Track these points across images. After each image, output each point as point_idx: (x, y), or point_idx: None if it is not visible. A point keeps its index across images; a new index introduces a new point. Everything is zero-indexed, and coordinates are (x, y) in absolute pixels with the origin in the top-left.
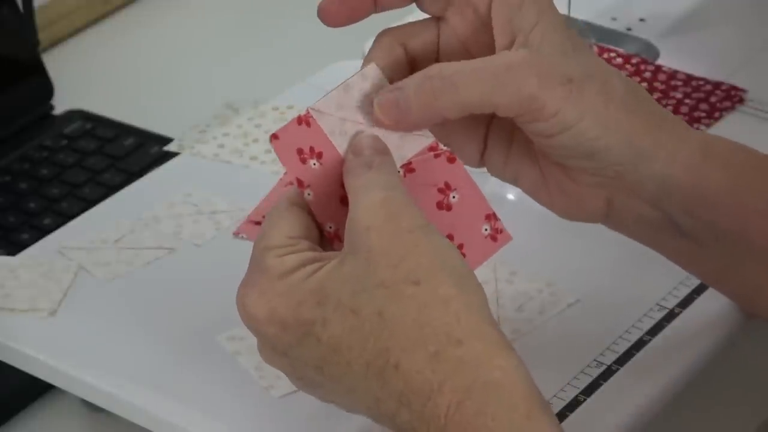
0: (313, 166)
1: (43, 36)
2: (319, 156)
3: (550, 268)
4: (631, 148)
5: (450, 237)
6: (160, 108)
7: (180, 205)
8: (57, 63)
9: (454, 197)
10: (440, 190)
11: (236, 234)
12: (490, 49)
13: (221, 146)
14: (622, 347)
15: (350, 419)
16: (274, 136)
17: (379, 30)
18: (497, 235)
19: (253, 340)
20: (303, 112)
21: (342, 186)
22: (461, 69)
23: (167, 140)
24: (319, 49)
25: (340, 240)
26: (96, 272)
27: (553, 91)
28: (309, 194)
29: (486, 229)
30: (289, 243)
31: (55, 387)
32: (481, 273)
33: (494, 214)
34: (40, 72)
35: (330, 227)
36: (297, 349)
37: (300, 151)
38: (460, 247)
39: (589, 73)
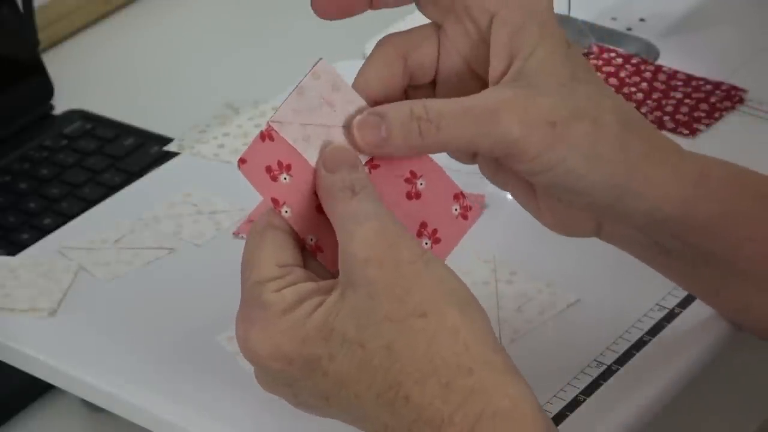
0: (284, 181)
1: (43, 36)
2: (288, 168)
3: (550, 268)
4: (618, 187)
5: (423, 225)
6: (160, 108)
7: (180, 205)
8: (57, 63)
9: (421, 184)
10: (407, 180)
11: (236, 234)
12: (488, 66)
13: (221, 146)
14: (622, 347)
15: None
16: (242, 161)
17: (379, 30)
18: (467, 213)
19: None
20: (264, 128)
21: (317, 195)
22: (446, 111)
23: (167, 140)
24: (319, 49)
25: (322, 250)
26: (96, 272)
27: (535, 135)
28: (287, 211)
29: (456, 209)
30: (281, 274)
31: (55, 387)
32: (481, 273)
33: (462, 193)
34: (40, 72)
35: (311, 239)
36: (302, 382)
37: (269, 169)
38: (434, 232)
39: (579, 111)
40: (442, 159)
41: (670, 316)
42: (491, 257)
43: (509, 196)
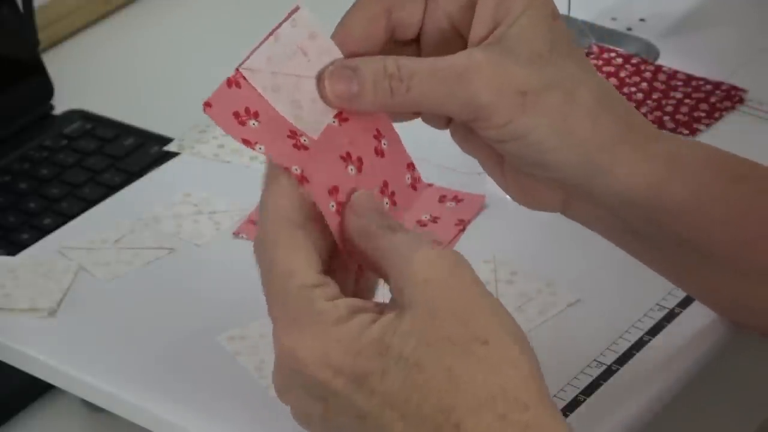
0: (253, 126)
1: (43, 36)
2: (256, 115)
3: (550, 268)
4: (588, 164)
5: (385, 184)
6: (160, 108)
7: (180, 205)
8: (57, 63)
9: (384, 144)
10: (375, 136)
11: (236, 234)
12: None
13: (221, 146)
14: (622, 347)
15: None
16: (207, 104)
17: None
18: (416, 184)
19: (254, 341)
20: (232, 74)
21: (290, 136)
22: (418, 71)
23: (167, 140)
24: None
25: (308, 181)
26: (96, 272)
27: (504, 102)
28: (261, 148)
29: (408, 178)
30: (324, 281)
31: (55, 387)
32: (481, 273)
33: (413, 164)
34: (40, 72)
35: (296, 169)
36: (342, 397)
37: (236, 115)
38: (393, 194)
39: (553, 83)
40: (442, 159)
41: (670, 316)
42: (491, 257)
43: (509, 196)
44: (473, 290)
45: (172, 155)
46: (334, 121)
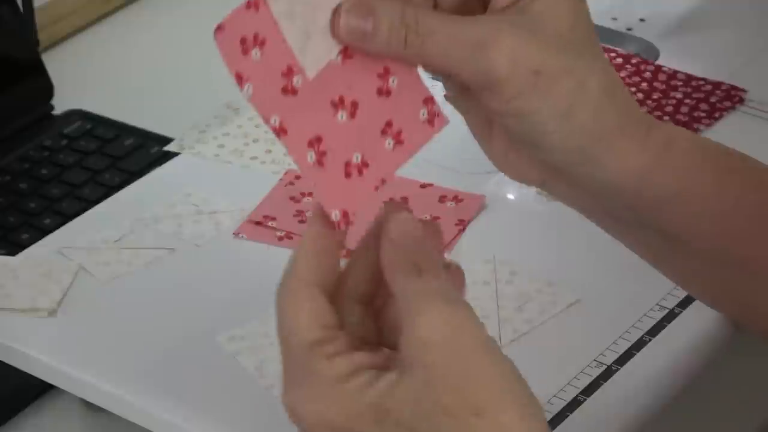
0: (254, 57)
1: (43, 36)
2: (262, 44)
3: (550, 268)
4: (582, 152)
5: (389, 124)
6: (160, 108)
7: (180, 205)
8: (57, 63)
9: (393, 82)
10: (380, 76)
11: (236, 234)
12: None
13: (221, 146)
14: (622, 347)
15: None
16: (220, 29)
17: None
18: (434, 119)
19: (254, 341)
20: None
21: (284, 75)
22: (438, 31)
23: (167, 140)
24: None
25: (286, 132)
26: (96, 272)
27: (517, 79)
28: (248, 89)
29: (423, 114)
30: (327, 337)
31: (55, 387)
32: (481, 273)
33: (432, 98)
34: (40, 72)
35: (274, 120)
36: None
37: (243, 41)
38: (399, 133)
39: (568, 68)
40: (442, 159)
41: (670, 316)
42: (491, 257)
43: (510, 196)
44: (477, 355)
45: (172, 155)
46: (338, 57)
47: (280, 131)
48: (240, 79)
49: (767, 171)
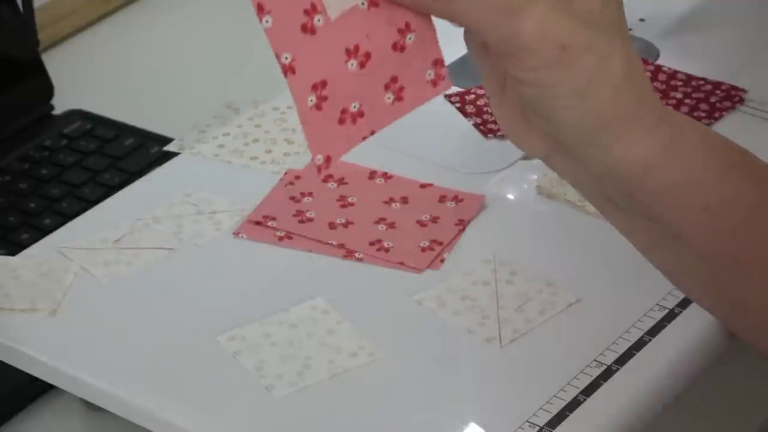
0: None
1: (43, 36)
2: None
3: (550, 268)
4: (593, 133)
5: (394, 79)
6: (160, 108)
7: (180, 205)
8: (57, 63)
9: (410, 38)
10: (399, 31)
11: (236, 234)
12: None
13: (221, 146)
14: (622, 347)
15: (350, 419)
16: None
17: None
18: (439, 81)
19: (254, 341)
20: None
21: (306, 12)
22: None
23: (167, 140)
24: None
25: (294, 72)
26: (96, 272)
27: (543, 51)
28: (267, 21)
29: (430, 74)
30: None
31: (55, 387)
32: (482, 273)
33: (441, 60)
34: (40, 72)
35: (286, 58)
36: None
37: None
38: (401, 89)
39: (594, 45)
40: (442, 159)
41: (670, 316)
42: (491, 257)
43: (510, 196)
44: None
45: (172, 155)
46: (363, 3)
47: (288, 69)
48: (261, 9)
49: (766, 168)
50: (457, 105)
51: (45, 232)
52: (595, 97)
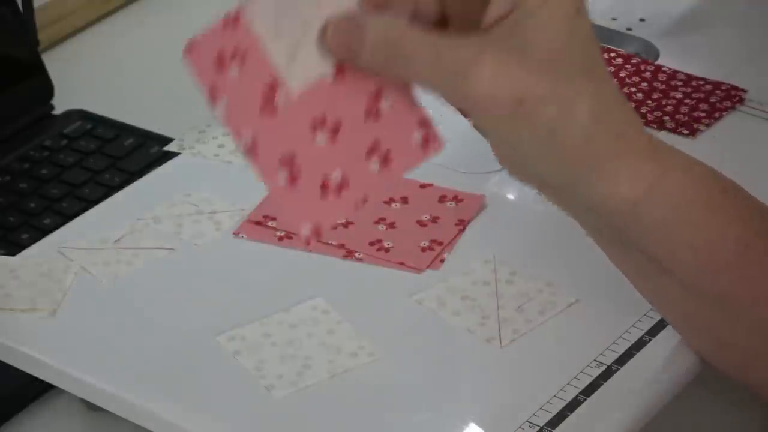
0: (232, 73)
1: (43, 36)
2: (242, 59)
3: (550, 268)
4: (571, 177)
5: (376, 144)
6: (160, 108)
7: (180, 205)
8: (57, 63)
9: (385, 103)
10: (371, 96)
11: (236, 234)
12: None
13: (221, 146)
14: (622, 347)
15: (350, 419)
16: (191, 46)
17: None
18: (428, 142)
19: (254, 341)
20: (232, 9)
21: (265, 91)
22: (420, 53)
23: (167, 140)
24: None
25: (256, 153)
26: (96, 272)
27: (498, 108)
28: (223, 104)
29: (417, 136)
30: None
31: (55, 387)
32: (482, 273)
33: (428, 121)
34: (40, 72)
35: (246, 138)
36: None
37: (221, 57)
38: (387, 154)
39: (553, 94)
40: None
41: None
42: (491, 257)
43: (510, 196)
44: None
45: (172, 155)
46: (330, 75)
47: (250, 149)
48: (214, 94)
49: (755, 205)
50: None
51: (45, 232)
52: (563, 144)
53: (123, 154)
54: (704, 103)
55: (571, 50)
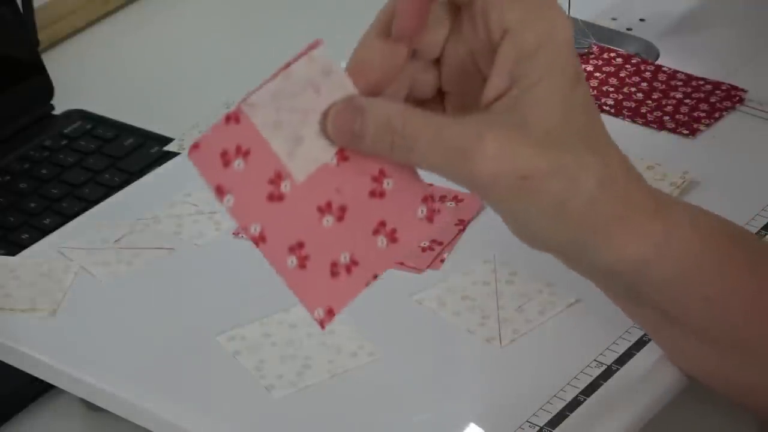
0: (237, 167)
1: (43, 36)
2: (246, 154)
3: (550, 268)
4: (578, 243)
5: (382, 223)
6: (160, 108)
7: (180, 205)
8: (57, 63)
9: (388, 184)
10: (374, 179)
11: (236, 234)
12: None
13: None
14: (622, 347)
15: (350, 419)
16: (195, 147)
17: None
18: (433, 215)
19: (254, 341)
20: (233, 109)
21: (271, 181)
22: (422, 136)
23: (167, 140)
24: None
25: (265, 240)
26: (96, 272)
27: (503, 186)
28: (229, 200)
29: (422, 211)
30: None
31: (55, 387)
32: (482, 273)
33: (431, 196)
34: (40, 72)
35: (255, 229)
36: None
37: (224, 154)
38: (393, 231)
39: (558, 167)
40: None
41: None
42: (491, 257)
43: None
44: None
45: (172, 155)
46: (332, 160)
47: (259, 239)
48: (221, 191)
49: (764, 248)
50: None
51: (45, 232)
52: (570, 214)
53: (123, 154)
54: (704, 103)
55: (572, 122)
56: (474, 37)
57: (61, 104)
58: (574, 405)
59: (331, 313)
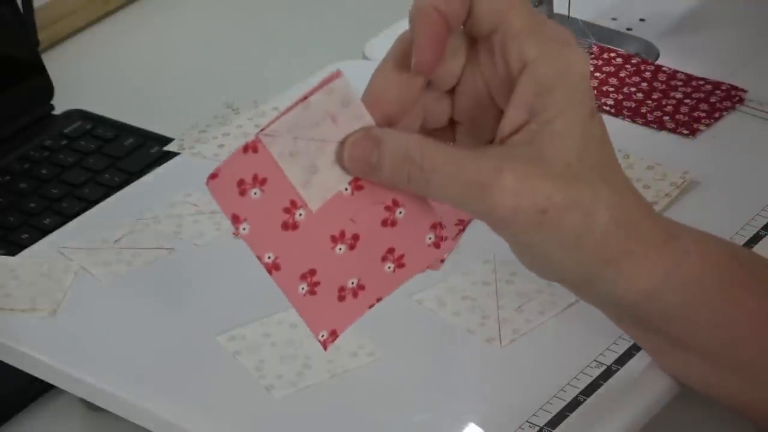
0: (253, 196)
1: (43, 36)
2: (263, 183)
3: None
4: (590, 274)
5: (390, 250)
6: (160, 108)
7: (180, 205)
8: (57, 63)
9: (400, 213)
10: (387, 208)
11: (236, 234)
12: (506, 105)
13: (221, 146)
14: (622, 347)
15: (350, 419)
16: (213, 176)
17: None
18: (440, 242)
19: (254, 341)
20: (251, 139)
21: (286, 210)
22: (440, 168)
23: (167, 140)
24: (320, 49)
25: (279, 269)
26: (96, 272)
27: (521, 219)
28: (244, 228)
29: (430, 238)
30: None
31: (55, 387)
32: (482, 273)
33: (440, 224)
34: (40, 72)
35: (269, 257)
36: None
37: (241, 183)
38: (400, 257)
39: (574, 202)
40: None
41: None
42: (491, 257)
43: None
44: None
45: (172, 155)
46: (347, 189)
47: (272, 268)
48: (237, 219)
49: (765, 270)
50: None
51: (45, 232)
52: (584, 247)
53: (123, 154)
54: (704, 103)
55: (589, 156)
56: (491, 69)
57: (61, 104)
58: (574, 405)
59: (334, 334)
